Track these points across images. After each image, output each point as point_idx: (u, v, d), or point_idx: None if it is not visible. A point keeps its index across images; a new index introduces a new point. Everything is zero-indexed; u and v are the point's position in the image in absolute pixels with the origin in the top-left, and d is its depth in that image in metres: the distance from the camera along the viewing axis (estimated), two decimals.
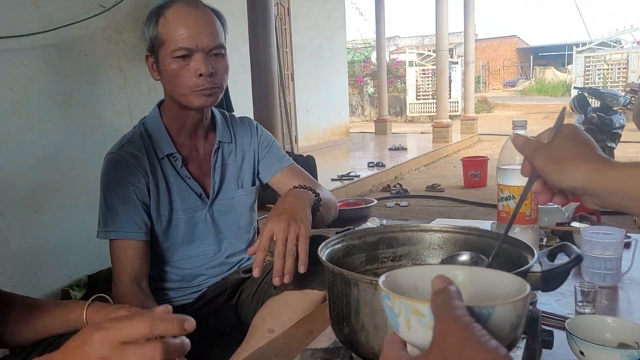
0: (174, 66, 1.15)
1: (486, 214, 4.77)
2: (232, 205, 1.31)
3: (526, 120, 1.07)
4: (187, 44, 1.14)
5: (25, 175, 1.98)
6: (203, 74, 1.14)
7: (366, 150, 9.18)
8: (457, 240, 0.83)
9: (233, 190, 1.32)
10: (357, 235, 0.85)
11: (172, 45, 1.14)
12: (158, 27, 1.15)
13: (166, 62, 1.16)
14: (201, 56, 1.15)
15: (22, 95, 1.96)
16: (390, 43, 22.28)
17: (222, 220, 1.30)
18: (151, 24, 1.17)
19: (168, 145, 1.22)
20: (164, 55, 1.16)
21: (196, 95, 1.17)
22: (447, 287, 0.44)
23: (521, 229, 1.03)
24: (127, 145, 1.22)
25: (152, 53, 1.20)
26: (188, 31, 1.14)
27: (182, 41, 1.13)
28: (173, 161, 1.23)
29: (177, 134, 1.26)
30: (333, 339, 0.84)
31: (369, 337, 0.65)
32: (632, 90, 6.17)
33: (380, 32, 11.10)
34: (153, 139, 1.23)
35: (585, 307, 0.98)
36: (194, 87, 1.16)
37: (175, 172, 1.24)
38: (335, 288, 0.70)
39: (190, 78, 1.15)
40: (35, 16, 2.00)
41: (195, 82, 1.15)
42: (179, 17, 1.14)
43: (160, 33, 1.15)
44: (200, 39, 1.14)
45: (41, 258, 2.03)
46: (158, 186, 1.21)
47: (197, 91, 1.16)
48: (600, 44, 16.31)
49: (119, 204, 1.17)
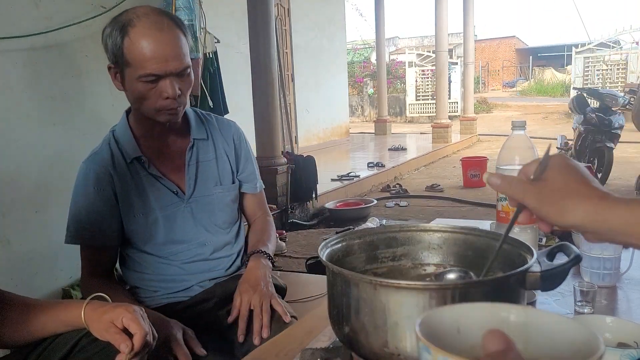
0: (140, 88, 1.15)
1: (485, 214, 4.77)
2: (210, 201, 1.33)
3: (525, 121, 1.07)
4: (155, 71, 1.12)
5: (26, 175, 1.98)
6: (170, 97, 1.15)
7: (366, 151, 9.19)
8: (457, 240, 0.83)
9: (211, 187, 1.33)
10: (357, 235, 0.85)
11: (140, 70, 1.12)
12: (123, 47, 1.13)
13: (132, 82, 1.15)
14: (169, 80, 1.14)
15: (22, 95, 1.96)
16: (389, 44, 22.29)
17: (202, 216, 1.31)
18: (114, 38, 1.14)
19: (134, 149, 1.25)
20: (130, 76, 1.15)
21: (162, 114, 1.19)
22: (505, 351, 0.36)
23: (520, 229, 1.03)
24: (95, 155, 1.27)
25: (116, 66, 1.18)
26: (156, 58, 1.11)
27: (150, 68, 1.12)
28: (141, 163, 1.26)
29: (144, 137, 1.28)
30: (333, 338, 0.84)
31: (369, 336, 0.65)
32: (631, 91, 6.18)
33: (380, 33, 11.11)
34: (120, 145, 1.26)
35: (585, 307, 0.98)
36: (160, 108, 1.17)
37: (147, 172, 1.26)
38: (335, 288, 0.70)
39: (157, 100, 1.16)
40: (36, 17, 2.01)
41: (161, 104, 1.16)
42: (146, 43, 1.11)
43: (126, 54, 1.13)
44: (168, 64, 1.13)
45: (42, 258, 2.03)
46: (128, 189, 1.25)
47: (165, 111, 1.18)
48: (600, 45, 16.31)
49: (84, 212, 1.23)
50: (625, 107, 5.63)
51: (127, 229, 1.27)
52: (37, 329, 0.98)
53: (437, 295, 0.61)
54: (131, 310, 0.92)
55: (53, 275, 2.08)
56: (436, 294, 0.61)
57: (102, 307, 0.95)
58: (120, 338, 0.89)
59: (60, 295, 2.06)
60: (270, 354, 0.90)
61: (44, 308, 1.00)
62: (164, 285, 1.30)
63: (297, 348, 0.89)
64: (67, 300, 1.53)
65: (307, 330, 0.97)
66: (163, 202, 1.27)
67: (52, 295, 2.05)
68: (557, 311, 1.00)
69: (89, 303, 0.96)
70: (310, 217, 4.91)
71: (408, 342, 0.62)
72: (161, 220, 1.27)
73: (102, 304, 0.97)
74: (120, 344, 0.89)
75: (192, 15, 2.44)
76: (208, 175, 1.33)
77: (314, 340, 0.88)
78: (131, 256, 1.32)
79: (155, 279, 1.30)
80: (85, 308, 0.95)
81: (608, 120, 5.25)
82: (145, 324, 0.92)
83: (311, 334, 0.94)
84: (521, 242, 0.74)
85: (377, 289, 0.63)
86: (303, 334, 0.95)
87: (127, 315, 0.91)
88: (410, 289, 0.62)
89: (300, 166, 4.70)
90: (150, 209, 1.26)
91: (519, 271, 0.65)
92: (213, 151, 1.35)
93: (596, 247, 1.13)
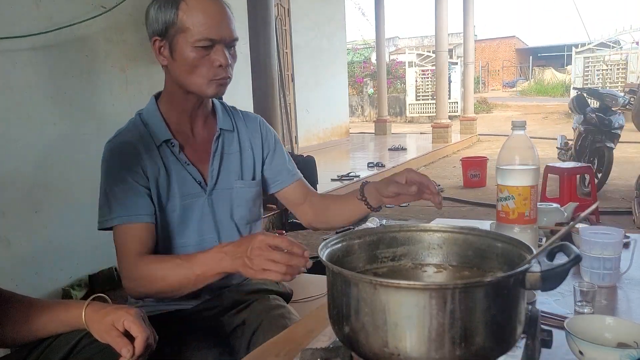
0: (194, 55, 1.14)
1: (485, 214, 4.77)
2: (229, 195, 1.29)
3: (525, 121, 1.07)
4: (212, 35, 1.13)
5: (26, 175, 1.98)
6: (222, 65, 1.15)
7: (366, 151, 9.19)
8: (457, 240, 0.83)
9: (232, 181, 1.30)
10: (357, 235, 0.85)
11: (196, 34, 1.13)
12: (178, 13, 1.13)
13: (185, 49, 1.14)
14: (221, 47, 1.15)
15: (23, 95, 1.96)
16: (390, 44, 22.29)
17: (220, 210, 1.28)
18: (168, 8, 1.14)
19: (164, 132, 1.22)
20: (182, 43, 1.14)
21: (212, 84, 1.17)
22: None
23: (520, 229, 1.03)
24: (124, 133, 1.22)
25: (164, 38, 1.16)
26: (212, 22, 1.13)
27: (206, 32, 1.13)
28: (171, 147, 1.22)
29: (174, 120, 1.25)
30: (333, 338, 0.84)
31: (369, 336, 0.65)
32: (631, 91, 6.17)
33: (380, 33, 11.11)
34: (149, 127, 1.23)
35: (585, 307, 0.99)
36: (212, 77, 1.16)
37: (175, 157, 1.23)
38: (335, 288, 0.70)
39: (210, 68, 1.15)
40: (37, 17, 2.01)
41: (214, 72, 1.16)
42: (203, 7, 1.13)
43: (181, 20, 1.13)
44: (223, 30, 1.15)
45: (42, 258, 2.03)
46: (156, 172, 1.20)
47: (214, 80, 1.17)
48: (600, 45, 16.31)
49: (120, 190, 1.16)
50: (625, 107, 5.63)
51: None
52: (38, 328, 0.98)
53: (437, 295, 0.61)
54: (132, 312, 0.92)
55: (53, 275, 2.08)
56: (436, 294, 0.61)
57: (103, 308, 0.95)
58: (122, 342, 0.89)
59: (60, 295, 2.06)
60: (270, 354, 0.90)
61: (45, 308, 1.00)
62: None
63: (297, 348, 0.89)
64: (67, 300, 1.52)
65: (307, 330, 0.97)
66: (185, 190, 1.23)
67: (52, 295, 2.05)
68: (557, 311, 1.00)
69: (90, 304, 0.96)
70: None
71: (408, 342, 0.62)
72: (178, 208, 1.22)
73: (103, 306, 0.96)
74: (122, 349, 0.89)
75: None
76: (231, 168, 1.30)
77: (314, 340, 0.88)
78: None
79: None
80: (85, 309, 0.95)
81: (608, 120, 5.24)
82: (147, 327, 0.92)
83: (311, 334, 0.94)
84: (521, 242, 0.74)
85: (377, 289, 0.63)
86: (303, 334, 0.95)
87: (128, 317, 0.91)
88: (410, 289, 0.62)
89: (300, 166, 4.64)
90: (170, 196, 1.22)
91: (519, 271, 0.64)
92: (237, 144, 1.32)
93: (596, 247, 1.13)
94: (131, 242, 1.16)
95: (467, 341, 0.61)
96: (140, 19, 2.46)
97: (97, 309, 0.95)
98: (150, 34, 1.19)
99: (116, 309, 0.93)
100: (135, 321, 0.91)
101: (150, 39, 1.19)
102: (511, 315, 0.65)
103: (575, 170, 4.39)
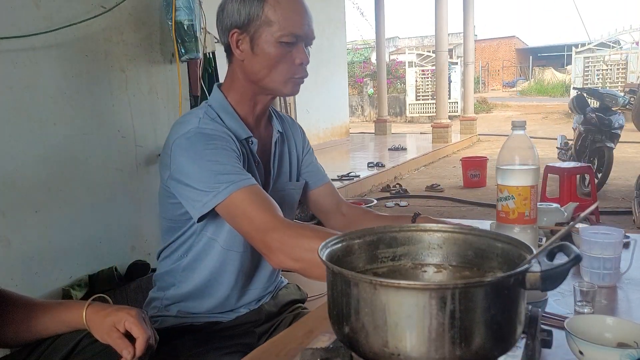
0: (276, 51, 1.10)
1: (485, 214, 4.78)
2: (282, 197, 1.26)
3: (525, 121, 1.07)
4: (297, 31, 1.10)
5: (26, 175, 1.98)
6: (304, 63, 1.13)
7: (366, 151, 9.19)
8: (457, 240, 0.83)
9: (286, 183, 1.29)
10: (357, 235, 0.85)
11: (283, 29, 1.09)
12: (264, 7, 1.09)
13: (268, 45, 1.10)
14: (303, 45, 1.13)
15: (22, 95, 1.96)
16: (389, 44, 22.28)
17: None
18: (254, 1, 1.10)
19: (243, 128, 1.17)
20: (266, 38, 1.10)
21: (290, 82, 1.15)
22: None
23: (520, 229, 1.03)
24: (206, 121, 1.12)
25: (244, 31, 1.12)
26: (298, 18, 1.11)
27: (292, 27, 1.10)
28: (250, 145, 1.18)
29: (245, 118, 1.20)
30: (333, 338, 0.84)
31: (369, 336, 0.65)
32: (631, 91, 6.17)
33: (380, 33, 11.11)
34: (225, 122, 1.16)
35: (585, 307, 0.99)
36: (292, 75, 1.14)
37: (251, 154, 1.18)
38: (335, 288, 0.70)
39: (291, 66, 1.13)
40: (36, 17, 2.00)
41: (294, 70, 1.13)
42: (290, 2, 1.11)
43: (268, 14, 1.09)
44: (307, 28, 1.13)
45: (42, 258, 2.03)
46: (244, 164, 1.14)
47: (293, 79, 1.14)
48: (600, 45, 16.31)
49: (223, 160, 1.05)
50: (625, 107, 5.63)
51: None
52: (39, 329, 0.98)
53: (437, 295, 0.61)
54: (133, 313, 0.92)
55: (53, 275, 2.08)
56: (436, 293, 0.61)
57: (103, 309, 0.95)
58: (122, 343, 0.89)
59: (60, 295, 2.06)
60: (271, 354, 0.90)
61: (46, 308, 1.00)
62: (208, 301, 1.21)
63: (297, 348, 0.89)
64: (68, 300, 1.53)
65: (307, 330, 0.97)
66: None
67: (51, 295, 2.05)
68: (557, 311, 1.00)
69: (90, 304, 0.96)
70: (310, 217, 4.90)
71: (408, 342, 0.62)
72: None
73: (103, 306, 0.96)
74: (122, 350, 0.89)
75: (192, 15, 2.43)
76: (283, 170, 1.29)
77: (314, 340, 0.88)
78: (194, 246, 1.18)
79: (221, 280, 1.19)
80: (86, 309, 0.95)
81: (608, 120, 5.24)
82: (148, 328, 0.92)
83: (311, 334, 0.94)
84: (521, 242, 0.74)
85: (377, 289, 0.63)
86: (303, 334, 0.95)
87: (129, 319, 0.91)
88: (410, 288, 0.62)
89: None
90: None
91: (519, 271, 0.64)
92: (288, 146, 1.32)
93: (596, 247, 1.13)
94: (260, 203, 1.02)
95: (467, 341, 0.61)
96: (140, 18, 2.47)
97: (98, 310, 0.95)
98: (228, 27, 1.13)
99: (117, 310, 0.93)
100: (136, 322, 0.91)
101: (227, 32, 1.14)
102: (511, 315, 0.65)
103: (575, 170, 4.39)
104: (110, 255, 2.28)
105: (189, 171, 1.06)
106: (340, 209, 1.40)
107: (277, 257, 0.99)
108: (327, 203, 1.40)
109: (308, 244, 0.95)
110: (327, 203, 1.40)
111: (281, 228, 0.99)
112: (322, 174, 1.40)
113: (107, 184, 2.25)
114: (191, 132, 1.09)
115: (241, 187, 1.02)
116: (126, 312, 0.92)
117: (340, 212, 1.40)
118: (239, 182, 1.03)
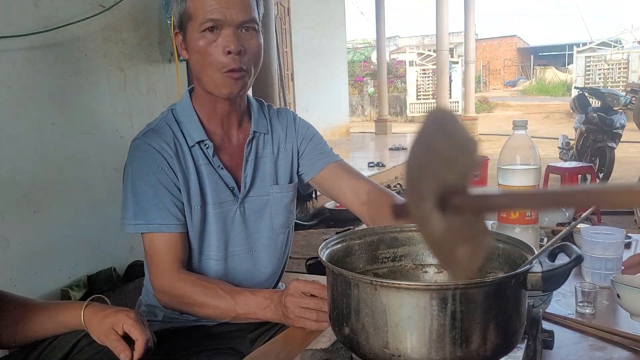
0: (201, 42, 1.06)
1: None
2: (265, 203, 1.20)
3: (526, 120, 1.07)
4: (215, 15, 1.04)
5: (25, 175, 1.97)
6: (232, 51, 1.05)
7: (366, 150, 9.18)
8: None
9: (267, 187, 1.20)
10: (357, 235, 0.84)
11: (200, 17, 1.05)
12: (187, 1, 1.08)
13: (194, 37, 1.07)
14: (230, 31, 1.05)
15: (21, 95, 1.96)
16: (390, 43, 22.27)
17: (253, 219, 1.19)
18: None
19: (198, 132, 1.13)
20: (191, 31, 1.08)
21: (224, 79, 1.07)
22: None
23: (522, 229, 1.03)
24: (152, 132, 1.13)
25: (181, 29, 1.11)
26: (217, 2, 1.05)
27: (210, 12, 1.04)
28: (205, 149, 1.14)
29: (208, 120, 1.16)
30: (333, 339, 0.84)
31: (369, 337, 0.64)
32: (632, 90, 6.17)
33: (381, 32, 11.09)
34: (183, 126, 1.14)
35: (586, 308, 0.98)
36: (222, 67, 1.06)
37: (207, 161, 1.14)
38: (335, 288, 0.69)
39: (218, 56, 1.06)
40: (35, 16, 2.00)
41: (222, 61, 1.06)
42: None
43: (189, 7, 1.07)
44: (230, 10, 1.05)
45: (41, 258, 2.03)
46: (188, 175, 1.12)
47: (226, 73, 1.07)
48: (601, 44, 16.32)
49: (149, 194, 1.08)
50: (626, 106, 5.63)
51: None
52: (37, 329, 0.98)
53: (437, 296, 0.60)
54: (132, 315, 0.91)
55: (52, 276, 2.07)
56: (437, 294, 0.60)
57: (102, 310, 0.94)
58: (121, 346, 0.89)
59: (59, 295, 2.06)
60: (271, 355, 0.90)
61: (44, 309, 0.99)
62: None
63: (297, 349, 0.88)
64: (66, 301, 1.52)
65: (307, 331, 0.96)
66: (218, 197, 1.14)
67: (50, 296, 2.04)
68: (558, 312, 0.99)
69: (89, 305, 0.96)
70: (310, 217, 4.91)
71: (409, 343, 0.62)
72: (213, 217, 1.14)
73: (102, 307, 0.96)
74: (120, 353, 0.88)
75: None
76: (265, 172, 1.21)
77: (314, 341, 0.88)
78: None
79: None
80: (84, 310, 0.95)
81: (610, 119, 5.24)
82: (147, 330, 0.92)
83: (311, 334, 0.94)
84: (522, 242, 0.74)
85: (377, 289, 0.63)
86: (303, 335, 0.95)
87: (128, 321, 0.90)
88: (411, 289, 0.62)
89: None
90: (205, 202, 1.13)
91: (521, 271, 0.64)
92: (271, 146, 1.22)
93: (598, 247, 1.12)
94: (164, 254, 1.08)
95: (468, 342, 0.61)
96: (138, 17, 2.46)
97: (96, 311, 0.94)
98: (174, 29, 1.14)
99: (116, 312, 0.93)
100: (135, 324, 0.90)
101: (175, 32, 1.15)
102: (512, 316, 0.64)
103: (577, 170, 4.39)
104: (109, 255, 2.28)
105: (126, 184, 1.12)
106: (359, 196, 1.24)
107: (160, 300, 1.12)
108: (335, 189, 1.26)
109: (186, 292, 1.07)
110: (336, 189, 1.26)
111: (161, 288, 1.10)
112: (323, 156, 1.27)
113: (106, 184, 2.24)
114: (134, 144, 1.14)
115: (152, 230, 1.09)
116: (125, 314, 0.91)
117: (360, 200, 1.24)
118: (152, 225, 1.09)
